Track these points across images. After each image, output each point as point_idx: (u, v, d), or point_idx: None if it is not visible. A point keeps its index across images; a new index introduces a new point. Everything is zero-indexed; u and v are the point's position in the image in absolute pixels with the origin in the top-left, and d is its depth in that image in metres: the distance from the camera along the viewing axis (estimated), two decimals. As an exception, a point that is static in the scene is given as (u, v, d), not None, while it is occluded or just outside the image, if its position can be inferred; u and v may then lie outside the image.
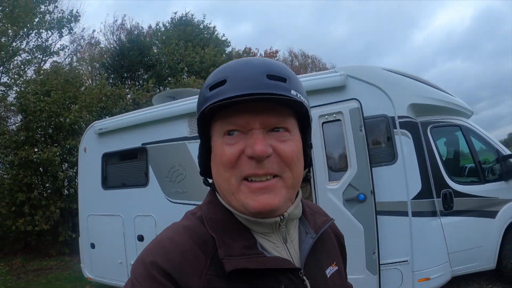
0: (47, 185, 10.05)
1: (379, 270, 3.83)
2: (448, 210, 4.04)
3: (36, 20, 12.82)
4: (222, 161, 0.76)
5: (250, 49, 22.43)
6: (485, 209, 4.17)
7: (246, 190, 0.75)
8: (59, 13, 13.86)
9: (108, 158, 5.91)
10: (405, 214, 3.94)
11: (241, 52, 20.05)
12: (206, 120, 0.81)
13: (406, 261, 3.85)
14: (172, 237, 0.76)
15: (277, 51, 26.10)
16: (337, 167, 4.30)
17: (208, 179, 0.89)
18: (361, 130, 4.08)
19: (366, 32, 46.17)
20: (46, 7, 13.29)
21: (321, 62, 27.97)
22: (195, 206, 0.88)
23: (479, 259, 4.12)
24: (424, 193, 3.99)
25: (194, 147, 4.94)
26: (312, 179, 4.36)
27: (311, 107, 3.14)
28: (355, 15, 44.76)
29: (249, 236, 0.78)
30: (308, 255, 0.83)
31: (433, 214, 4.00)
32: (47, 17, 13.32)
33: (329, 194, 4.17)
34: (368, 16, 44.33)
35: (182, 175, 5.08)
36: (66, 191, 10.18)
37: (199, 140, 0.86)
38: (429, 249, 3.90)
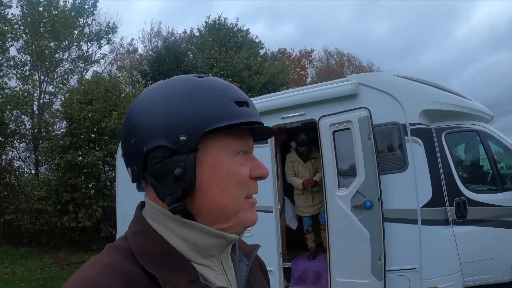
0: (90, 185, 10.74)
1: (385, 276, 3.84)
2: (462, 219, 3.96)
3: (76, 33, 13.64)
4: (239, 181, 0.74)
5: (285, 49, 22.29)
6: (502, 219, 4.02)
7: (248, 206, 0.77)
8: (97, 25, 14.70)
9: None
10: (414, 222, 3.92)
11: (275, 52, 20.07)
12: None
13: (414, 268, 3.84)
14: (93, 281, 0.64)
15: (312, 51, 25.78)
16: (347, 174, 4.34)
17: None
18: (369, 139, 4.11)
19: (407, 28, 44.51)
20: (84, 21, 14.13)
21: (357, 60, 27.45)
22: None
23: (494, 270, 3.99)
24: (435, 201, 3.94)
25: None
26: (323, 185, 4.43)
27: (323, 116, 3.25)
28: (396, 12, 43.25)
29: (190, 268, 0.71)
30: (246, 284, 0.81)
31: (445, 222, 3.93)
32: (86, 29, 14.16)
33: (338, 200, 4.22)
34: (408, 12, 42.73)
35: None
36: (107, 191, 10.82)
37: None
38: (440, 258, 3.85)
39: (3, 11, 13.19)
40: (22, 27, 13.23)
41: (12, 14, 13.33)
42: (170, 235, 0.73)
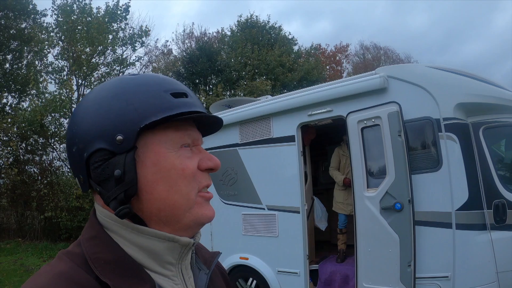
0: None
1: (414, 283, 3.57)
2: (500, 223, 3.59)
3: (110, 38, 13.96)
4: (186, 174, 0.71)
5: (319, 45, 21.95)
6: (547, 224, 3.65)
7: (203, 201, 0.74)
8: (130, 29, 15.09)
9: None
10: (448, 226, 3.61)
11: (309, 49, 19.78)
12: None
13: (447, 277, 3.53)
14: None
15: (347, 45, 25.29)
16: (376, 173, 4.09)
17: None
18: (399, 135, 3.84)
19: (446, 20, 42.83)
20: (118, 25, 14.49)
21: (394, 53, 26.56)
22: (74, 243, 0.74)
23: (537, 280, 3.63)
24: (471, 204, 3.60)
25: (244, 153, 5.15)
26: (352, 185, 4.22)
27: (351, 112, 3.07)
28: (434, 3, 41.74)
29: (146, 277, 0.69)
30: None
31: (482, 227, 3.58)
32: (120, 33, 14.52)
33: (366, 202, 3.99)
34: (446, 3, 41.06)
35: (233, 179, 5.28)
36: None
37: (249, 147, 0.79)
38: (475, 266, 3.52)
39: (39, 20, 13.75)
40: (58, 34, 13.73)
41: (47, 22, 13.94)
42: (124, 242, 0.70)
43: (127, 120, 0.68)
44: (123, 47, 14.83)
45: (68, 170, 12.75)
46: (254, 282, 4.93)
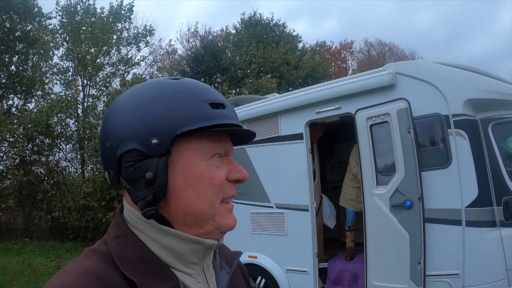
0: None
1: (424, 281, 3.56)
2: (510, 220, 3.56)
3: (115, 37, 14.00)
4: (214, 184, 0.73)
5: (324, 42, 21.90)
6: (558, 220, 3.63)
7: (225, 211, 0.76)
8: (134, 29, 15.16)
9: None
10: (458, 223, 3.60)
11: (314, 46, 19.72)
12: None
13: (457, 274, 3.52)
14: (71, 286, 0.62)
15: (352, 42, 25.23)
16: (385, 171, 4.08)
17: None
18: (409, 132, 3.82)
19: (451, 17, 42.93)
20: (122, 25, 14.54)
21: (399, 49, 26.45)
22: (99, 241, 0.76)
23: (548, 278, 3.61)
24: (481, 201, 3.59)
25: (252, 152, 5.14)
26: (361, 183, 4.21)
27: (360, 109, 3.08)
28: (439, 2, 41.88)
29: (171, 275, 0.71)
30: None
31: (492, 224, 3.57)
32: (125, 33, 14.57)
33: (376, 199, 3.98)
34: (452, 1, 41.18)
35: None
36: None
37: (257, 145, 0.82)
38: (484, 263, 3.51)
39: (44, 22, 13.82)
40: (62, 35, 13.79)
41: (52, 24, 14.02)
42: (150, 241, 0.72)
43: (164, 126, 0.69)
44: (127, 47, 14.87)
45: (75, 170, 12.81)
46: (263, 281, 4.92)
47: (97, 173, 11.16)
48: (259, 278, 4.97)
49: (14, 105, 14.13)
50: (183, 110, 0.71)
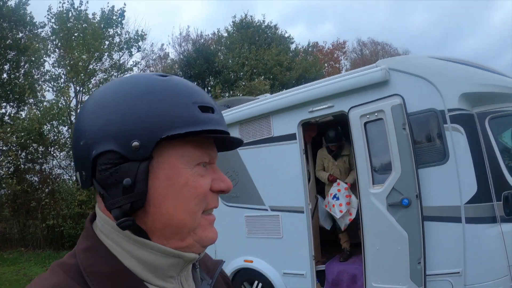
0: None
1: (425, 281, 3.46)
2: (510, 215, 3.46)
3: (106, 43, 13.90)
4: (198, 193, 0.67)
5: (316, 43, 21.91)
6: (559, 214, 3.53)
7: (207, 223, 0.70)
8: (126, 34, 15.05)
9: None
10: (458, 220, 3.50)
11: (305, 47, 19.69)
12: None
13: (458, 272, 3.42)
14: None
15: (345, 42, 25.28)
16: (381, 169, 3.98)
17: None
18: (404, 129, 3.73)
19: (444, 18, 44.20)
20: (114, 31, 14.47)
21: (392, 47, 26.54)
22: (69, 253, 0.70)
23: (550, 273, 3.51)
24: (480, 196, 3.49)
25: (244, 154, 5.02)
26: (356, 182, 4.11)
27: (353, 107, 2.98)
28: (432, 3, 42.92)
29: None
30: None
31: (492, 220, 3.47)
32: (116, 39, 14.45)
33: (372, 199, 3.88)
34: (444, 2, 42.16)
35: (235, 180, 5.17)
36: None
37: (250, 147, 0.75)
38: (486, 260, 3.41)
39: (35, 31, 13.74)
40: (54, 42, 13.69)
41: (44, 31, 13.91)
42: (123, 254, 0.65)
43: (148, 126, 0.62)
44: (119, 52, 14.77)
45: (69, 177, 12.68)
46: (260, 285, 4.82)
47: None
48: (256, 282, 4.86)
49: (7, 114, 13.99)
50: (170, 111, 0.64)
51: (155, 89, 0.65)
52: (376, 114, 3.95)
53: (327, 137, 5.11)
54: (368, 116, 4.00)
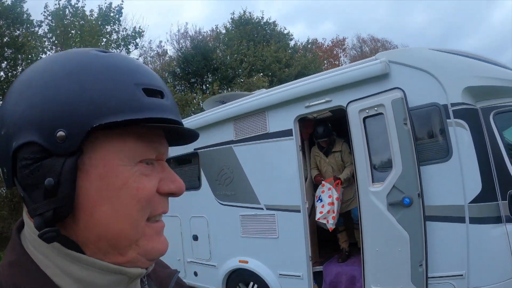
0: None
1: (427, 284, 3.29)
2: (517, 214, 3.32)
3: (104, 40, 13.77)
4: (140, 197, 0.55)
5: (316, 40, 21.80)
6: None
7: (152, 232, 0.58)
8: (123, 31, 14.99)
9: (168, 164, 6.12)
10: (461, 220, 3.33)
11: (305, 44, 19.56)
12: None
13: (461, 275, 3.25)
14: None
15: (344, 39, 25.16)
16: (381, 166, 3.82)
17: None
18: (405, 124, 3.56)
19: (444, 16, 44.40)
20: (112, 28, 14.39)
21: (392, 44, 26.41)
22: None
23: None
24: (485, 195, 3.31)
25: (239, 151, 4.88)
26: (355, 180, 3.95)
27: (352, 101, 2.80)
28: (432, 3, 43.27)
29: None
30: None
31: (497, 220, 3.29)
32: (114, 36, 14.39)
33: (372, 197, 3.72)
34: (445, 2, 42.38)
35: (229, 178, 5.05)
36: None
37: (245, 143, 0.58)
38: (491, 262, 3.24)
39: (33, 29, 13.64)
40: (51, 40, 13.58)
41: (41, 29, 13.82)
42: (54, 269, 0.53)
43: (77, 112, 0.50)
44: (117, 50, 14.67)
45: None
46: (255, 286, 4.67)
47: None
48: (251, 283, 4.72)
49: (5, 112, 13.90)
50: (107, 93, 0.52)
51: (90, 66, 0.53)
52: (375, 108, 3.78)
53: (316, 133, 4.96)
54: (367, 111, 3.84)
